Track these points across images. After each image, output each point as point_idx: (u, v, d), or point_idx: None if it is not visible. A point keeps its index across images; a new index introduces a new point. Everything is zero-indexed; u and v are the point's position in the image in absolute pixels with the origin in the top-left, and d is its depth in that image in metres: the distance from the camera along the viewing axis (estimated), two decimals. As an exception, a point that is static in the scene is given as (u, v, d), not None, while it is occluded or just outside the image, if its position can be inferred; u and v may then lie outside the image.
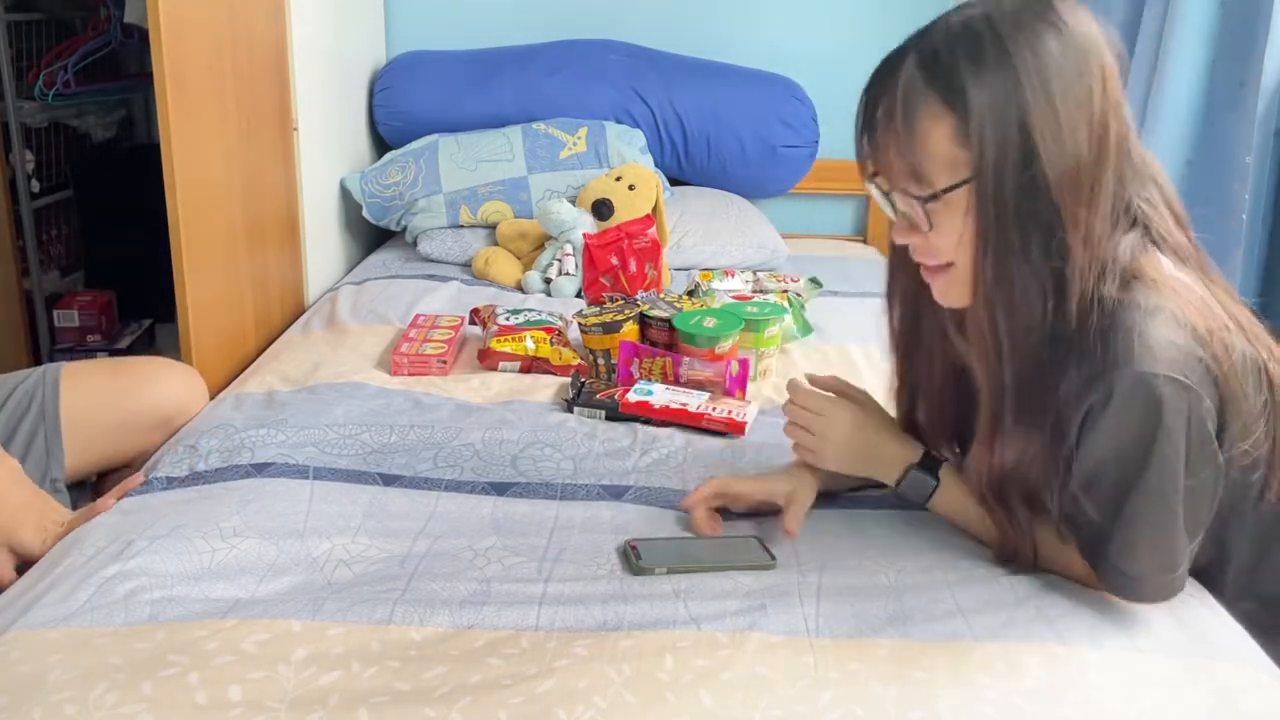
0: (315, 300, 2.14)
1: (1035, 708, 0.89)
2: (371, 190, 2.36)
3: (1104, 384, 0.93)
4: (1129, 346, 0.93)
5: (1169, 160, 2.12)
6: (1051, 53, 0.93)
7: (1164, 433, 0.93)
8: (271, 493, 1.24)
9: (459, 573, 1.09)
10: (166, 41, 1.47)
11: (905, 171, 0.98)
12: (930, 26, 0.99)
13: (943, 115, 0.95)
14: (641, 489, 1.30)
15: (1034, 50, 0.93)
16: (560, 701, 0.88)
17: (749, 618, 1.00)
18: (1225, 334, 0.97)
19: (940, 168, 0.96)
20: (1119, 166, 0.98)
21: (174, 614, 1.00)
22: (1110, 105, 0.96)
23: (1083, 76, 0.94)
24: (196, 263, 1.60)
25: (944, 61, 0.95)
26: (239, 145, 1.75)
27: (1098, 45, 0.96)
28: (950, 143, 0.95)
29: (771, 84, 2.55)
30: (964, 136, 0.94)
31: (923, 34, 0.98)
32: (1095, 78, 0.95)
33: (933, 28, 0.98)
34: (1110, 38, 0.98)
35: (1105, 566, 1.00)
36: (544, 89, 2.49)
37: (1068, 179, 0.94)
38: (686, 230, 2.35)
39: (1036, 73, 0.93)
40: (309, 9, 2.07)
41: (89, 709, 0.85)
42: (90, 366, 1.50)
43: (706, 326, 1.62)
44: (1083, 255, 0.95)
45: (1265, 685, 0.95)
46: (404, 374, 1.66)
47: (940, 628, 0.99)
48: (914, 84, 0.96)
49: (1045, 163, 0.93)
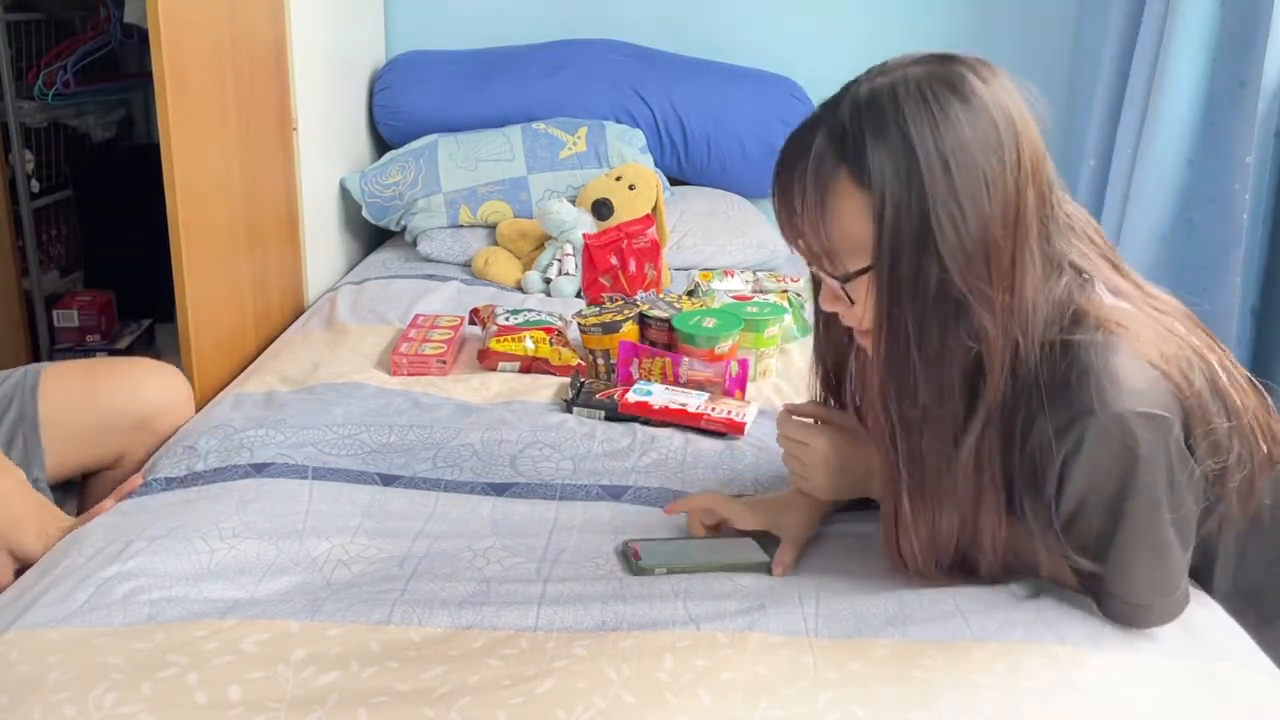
0: (315, 300, 2.14)
1: (1035, 708, 0.89)
2: (371, 190, 2.36)
3: (1075, 431, 0.92)
4: (1093, 389, 0.91)
5: (1169, 160, 2.12)
6: (955, 129, 0.90)
7: (1142, 466, 0.92)
8: (271, 493, 1.24)
9: (458, 573, 1.09)
10: (166, 41, 1.47)
11: (820, 251, 0.96)
12: (840, 97, 0.95)
13: (853, 194, 0.92)
14: (641, 489, 1.30)
15: (935, 128, 0.90)
16: (560, 702, 0.87)
17: (749, 618, 1.00)
18: (1182, 360, 0.96)
19: (852, 248, 0.94)
20: (1042, 234, 0.96)
21: (173, 614, 1.00)
22: (1026, 175, 0.92)
23: (992, 150, 0.90)
24: (196, 263, 1.60)
25: (851, 138, 0.92)
26: (239, 145, 1.75)
27: (1009, 114, 0.92)
28: (862, 222, 0.93)
29: (771, 84, 2.55)
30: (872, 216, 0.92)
31: (833, 106, 0.95)
32: (1007, 148, 0.91)
33: (842, 99, 0.95)
34: (1032, 99, 0.95)
35: (1105, 599, 0.99)
36: (544, 89, 2.49)
37: (975, 262, 0.91)
38: (686, 230, 2.35)
39: (935, 153, 0.89)
40: (309, 9, 2.07)
41: (89, 709, 0.85)
42: (69, 367, 1.48)
43: (706, 326, 1.62)
44: (999, 336, 0.93)
45: (1264, 685, 0.95)
46: (403, 374, 1.66)
47: (940, 628, 0.99)
48: (823, 162, 0.93)
49: (944, 248, 0.90)
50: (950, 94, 0.91)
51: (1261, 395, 1.05)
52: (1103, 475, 0.93)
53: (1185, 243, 2.14)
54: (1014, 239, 0.92)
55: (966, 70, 0.93)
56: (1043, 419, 0.94)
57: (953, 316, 0.93)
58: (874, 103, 0.92)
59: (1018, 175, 0.92)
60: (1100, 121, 2.32)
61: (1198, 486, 0.97)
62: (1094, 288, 0.98)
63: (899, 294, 0.93)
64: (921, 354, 0.94)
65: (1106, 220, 2.27)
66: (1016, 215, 0.92)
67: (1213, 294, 2.09)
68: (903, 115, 0.90)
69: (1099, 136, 2.33)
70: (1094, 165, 2.34)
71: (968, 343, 0.93)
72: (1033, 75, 0.96)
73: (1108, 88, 2.30)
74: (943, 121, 0.90)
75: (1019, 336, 0.94)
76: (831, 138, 0.93)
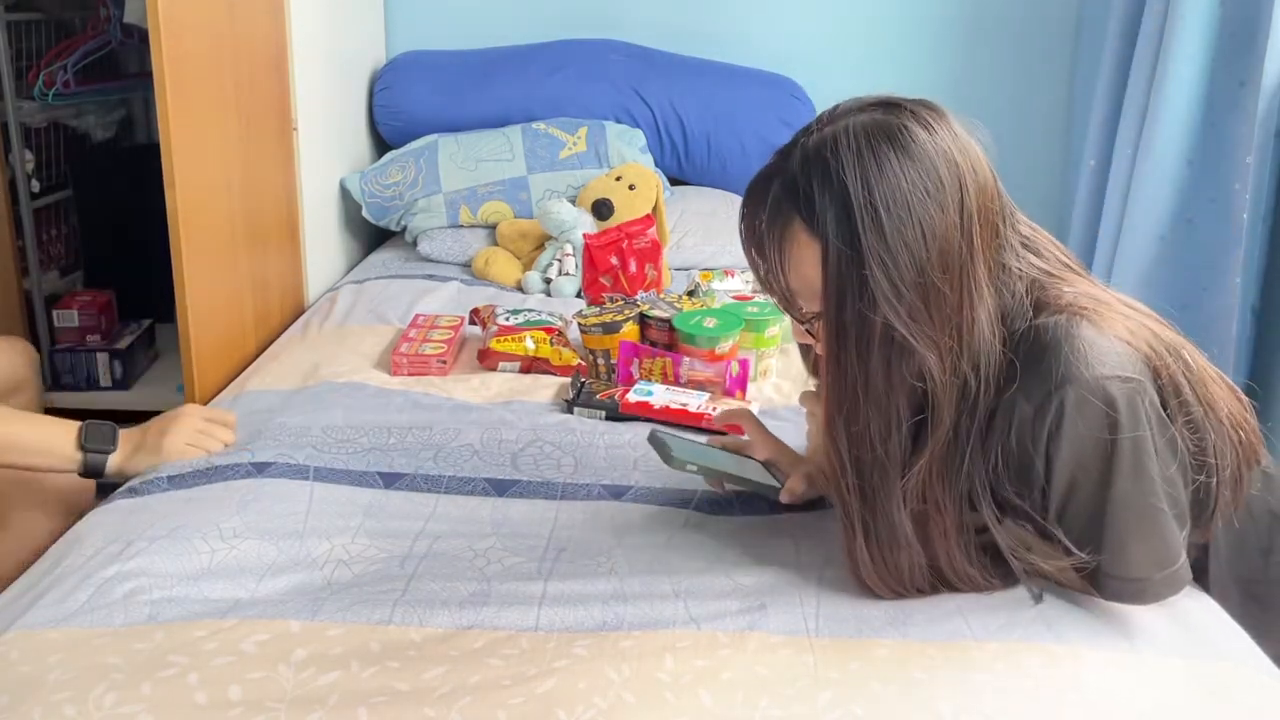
0: (315, 300, 2.14)
1: (1035, 708, 0.89)
2: (371, 190, 2.36)
3: (1053, 406, 0.94)
4: (1063, 363, 0.94)
5: (1169, 160, 2.12)
6: (889, 179, 0.92)
7: (1124, 430, 0.94)
8: (271, 493, 1.24)
9: (459, 573, 1.09)
10: (166, 41, 1.47)
11: (782, 293, 1.01)
12: (792, 146, 0.98)
13: (807, 242, 0.96)
14: (642, 489, 1.30)
15: (868, 178, 0.92)
16: (560, 702, 0.88)
17: (749, 618, 1.00)
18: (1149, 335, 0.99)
19: (810, 292, 0.98)
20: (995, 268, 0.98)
21: (173, 614, 1.00)
22: (970, 217, 0.94)
23: (929, 196, 0.92)
24: (196, 263, 1.60)
25: (800, 188, 0.95)
26: (239, 145, 1.75)
27: (951, 158, 0.94)
28: (814, 268, 0.96)
29: (771, 84, 2.55)
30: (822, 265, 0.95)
31: (786, 155, 0.99)
32: (949, 193, 0.93)
33: (794, 149, 0.98)
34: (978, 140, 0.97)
35: (1104, 582, 1.00)
36: (544, 89, 2.49)
37: (914, 307, 0.93)
38: (686, 230, 2.35)
39: (868, 202, 0.92)
40: (309, 9, 2.07)
41: (89, 709, 0.85)
42: None
43: (706, 326, 1.62)
44: (946, 374, 0.95)
45: (1264, 686, 0.94)
46: (404, 374, 1.66)
47: (940, 628, 0.99)
48: (779, 211, 0.97)
49: (878, 294, 0.92)
50: (888, 144, 0.93)
51: (1235, 391, 1.07)
52: (1087, 448, 0.95)
53: (1185, 243, 2.14)
54: (959, 282, 0.94)
55: (908, 119, 0.95)
56: (1021, 404, 0.96)
57: (896, 358, 0.95)
58: (819, 153, 0.95)
59: (960, 218, 0.94)
60: (1100, 121, 2.32)
61: (1182, 457, 0.98)
62: (1057, 287, 1.01)
63: (845, 337, 0.96)
64: (868, 395, 0.96)
65: (1106, 220, 2.27)
66: (960, 259, 0.94)
67: (1213, 294, 2.09)
68: (842, 166, 0.93)
69: (1099, 136, 2.32)
70: (1094, 165, 2.34)
71: (912, 382, 0.96)
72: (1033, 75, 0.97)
73: (1108, 87, 2.30)
74: (877, 171, 0.92)
75: (969, 373, 0.96)
76: (785, 187, 0.97)
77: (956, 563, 1.02)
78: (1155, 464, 0.96)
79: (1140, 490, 0.96)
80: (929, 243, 0.93)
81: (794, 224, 0.96)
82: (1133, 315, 1.01)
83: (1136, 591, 0.99)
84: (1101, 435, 0.94)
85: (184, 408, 1.40)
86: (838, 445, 0.99)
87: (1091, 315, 0.97)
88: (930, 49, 2.63)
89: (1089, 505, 0.97)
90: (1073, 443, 0.95)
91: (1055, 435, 0.95)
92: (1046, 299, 1.00)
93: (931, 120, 0.96)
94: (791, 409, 1.55)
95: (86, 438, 1.30)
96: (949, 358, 0.95)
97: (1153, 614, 1.02)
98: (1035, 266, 1.02)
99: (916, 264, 0.92)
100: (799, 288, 1.00)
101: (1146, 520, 0.97)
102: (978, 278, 0.95)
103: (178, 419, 1.37)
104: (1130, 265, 2.16)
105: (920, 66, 2.63)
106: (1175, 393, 0.99)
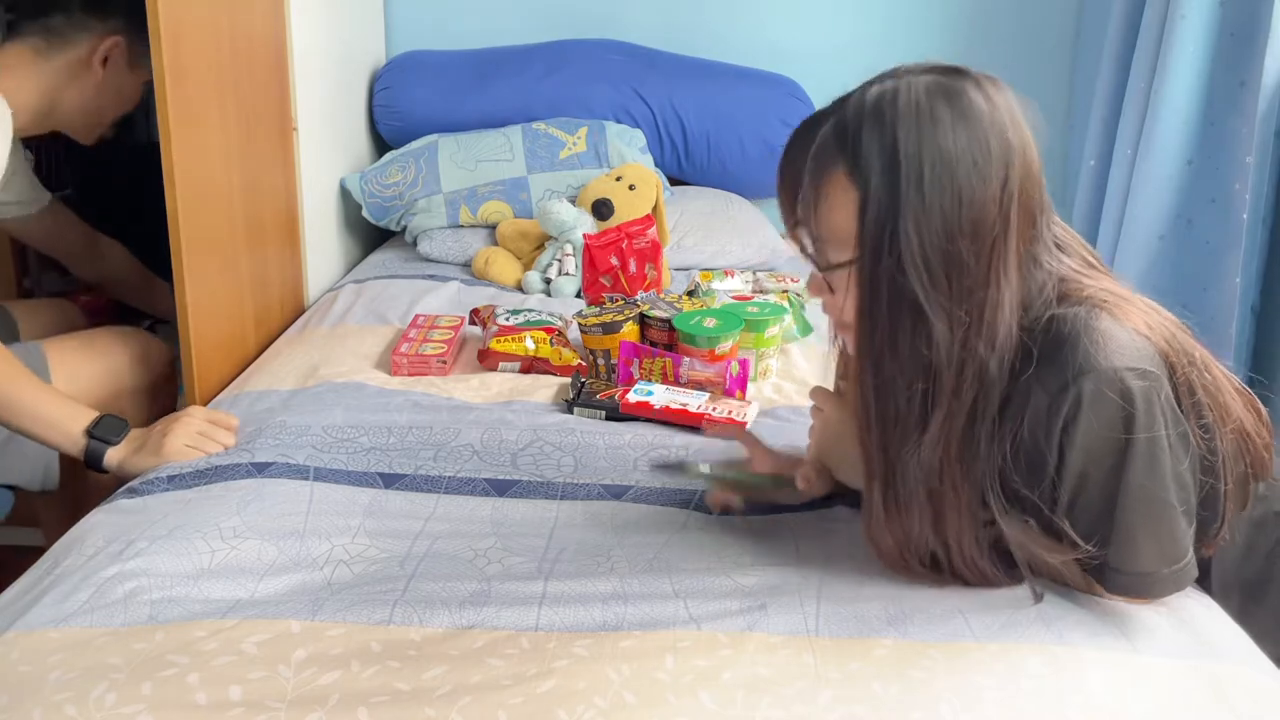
0: (315, 300, 2.14)
1: (1035, 708, 0.89)
2: (371, 190, 2.36)
3: (1070, 395, 0.94)
4: (1081, 353, 0.94)
5: (1169, 160, 2.12)
6: (941, 141, 0.92)
7: (1139, 422, 0.94)
8: (271, 493, 1.24)
9: (459, 573, 1.09)
10: (166, 41, 1.47)
11: (809, 239, 1.00)
12: (851, 94, 0.98)
13: (846, 188, 0.95)
14: (642, 489, 1.30)
15: (922, 136, 0.92)
16: (560, 702, 0.88)
17: (749, 618, 1.00)
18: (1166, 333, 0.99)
19: (838, 241, 0.98)
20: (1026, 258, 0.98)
21: (174, 614, 1.00)
22: (1011, 197, 0.94)
23: (976, 167, 0.92)
24: (196, 263, 1.59)
25: (851, 134, 0.94)
26: (239, 145, 1.75)
27: (1004, 135, 0.93)
28: (849, 217, 0.95)
29: (771, 84, 2.55)
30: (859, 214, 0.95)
31: (843, 101, 0.98)
32: (995, 167, 0.93)
33: (852, 96, 0.97)
34: (1032, 119, 0.97)
35: (1110, 576, 1.00)
36: (544, 89, 2.49)
37: (935, 273, 0.93)
38: (686, 230, 2.35)
39: (916, 160, 0.91)
40: (309, 9, 2.07)
41: (89, 709, 0.85)
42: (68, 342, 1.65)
43: (706, 327, 1.62)
44: (953, 348, 0.95)
45: (1265, 687, 0.94)
46: (404, 374, 1.66)
47: (940, 628, 0.99)
48: (824, 152, 0.96)
49: (906, 254, 0.92)
50: (946, 106, 0.93)
51: (1250, 397, 1.07)
52: (1101, 438, 0.95)
53: (1185, 243, 2.14)
54: (987, 258, 0.94)
55: (971, 86, 0.95)
56: (1037, 392, 0.96)
57: (915, 321, 0.95)
58: (877, 104, 0.94)
59: (1001, 195, 0.93)
60: (1100, 121, 2.32)
61: (1194, 455, 0.99)
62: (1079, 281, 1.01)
63: (877, 290, 0.95)
64: (894, 349, 0.96)
65: (1106, 220, 2.27)
66: (993, 236, 0.94)
67: (1213, 294, 2.09)
68: (898, 118, 0.93)
69: (1099, 136, 2.33)
70: (1094, 165, 2.34)
71: (923, 350, 0.95)
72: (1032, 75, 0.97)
73: (1107, 88, 2.30)
74: (931, 131, 0.92)
75: (985, 354, 0.96)
76: (836, 130, 0.96)
77: (966, 548, 1.02)
78: (1168, 458, 0.96)
79: (1152, 484, 0.96)
80: (964, 211, 0.92)
81: (837, 168, 0.95)
82: (1152, 313, 1.02)
83: (1142, 586, 0.99)
84: (1116, 427, 0.94)
85: (187, 409, 1.41)
86: (864, 395, 1.00)
87: (1111, 308, 0.97)
88: (931, 49, 2.61)
89: (1100, 497, 0.97)
90: (1087, 434, 0.95)
91: (1070, 425, 0.95)
92: (1068, 291, 1.00)
93: (993, 93, 0.95)
94: (791, 409, 1.55)
95: (95, 427, 1.34)
96: (959, 330, 0.94)
97: (1154, 614, 1.02)
98: (1065, 264, 1.02)
99: (947, 229, 0.92)
100: (827, 234, 0.98)
101: (1156, 514, 0.97)
102: (1007, 259, 0.95)
103: (179, 420, 1.37)
104: (1130, 265, 2.16)
105: (920, 66, 2.62)
106: (1189, 392, 0.99)
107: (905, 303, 0.94)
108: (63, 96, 1.66)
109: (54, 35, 1.63)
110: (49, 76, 1.63)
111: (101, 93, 1.69)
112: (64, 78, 1.65)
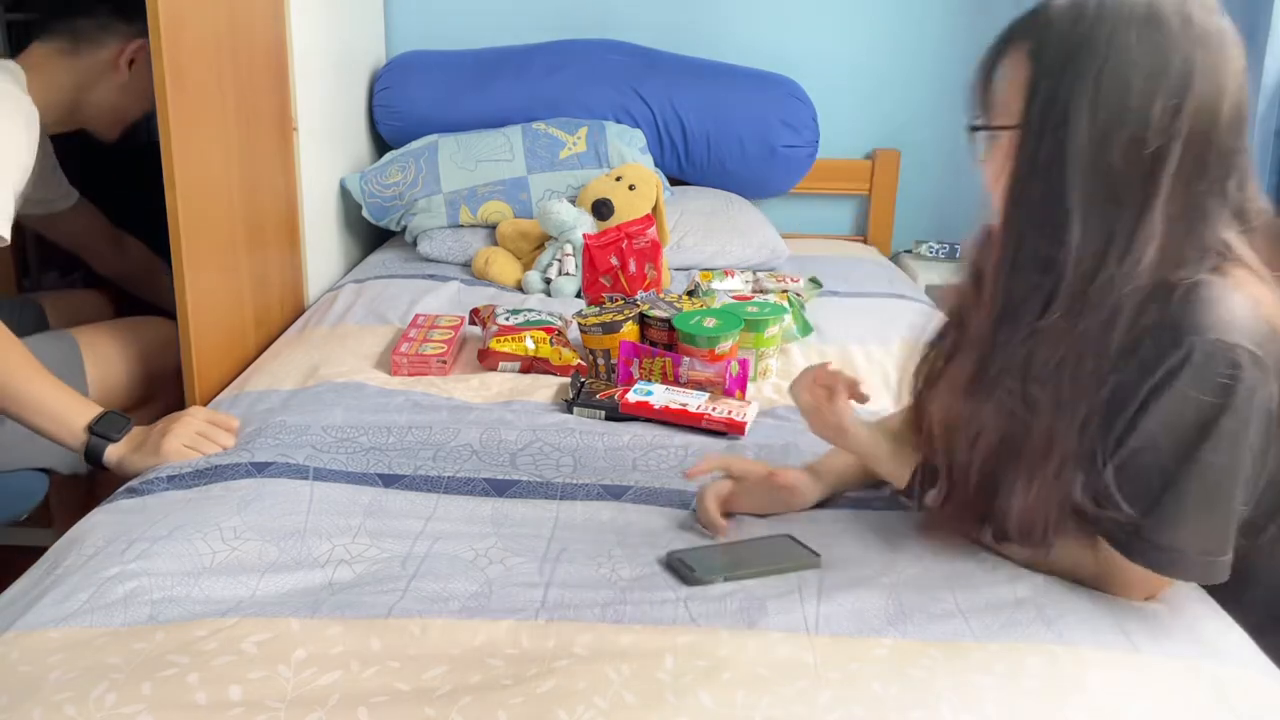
0: (315, 300, 2.14)
1: (1035, 708, 0.89)
2: (371, 190, 2.36)
3: (1179, 352, 0.91)
4: (1202, 315, 0.91)
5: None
6: (1127, 49, 0.91)
7: (1234, 405, 0.91)
8: (272, 493, 1.24)
9: (459, 573, 1.09)
10: (166, 41, 1.47)
11: (979, 97, 1.02)
12: None
13: (1023, 63, 0.96)
14: (642, 489, 1.30)
15: (1110, 38, 0.91)
16: (560, 701, 0.88)
17: (749, 617, 1.00)
18: None
19: (1001, 107, 0.99)
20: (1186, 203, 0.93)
21: (174, 614, 1.00)
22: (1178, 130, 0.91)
23: (1151, 84, 0.90)
24: (196, 262, 1.59)
25: (1046, 19, 0.96)
26: (239, 145, 1.75)
27: (1190, 63, 0.91)
28: (1019, 90, 0.96)
29: (771, 84, 2.55)
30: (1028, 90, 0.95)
31: None
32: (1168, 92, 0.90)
33: None
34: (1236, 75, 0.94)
35: (1137, 545, 0.97)
36: (544, 89, 2.49)
37: (1086, 173, 0.92)
38: (686, 230, 2.35)
39: (1097, 60, 0.91)
40: (309, 9, 2.07)
41: (89, 709, 0.85)
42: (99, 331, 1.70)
43: (706, 326, 1.62)
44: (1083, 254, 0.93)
45: (1266, 688, 0.94)
46: (404, 374, 1.66)
47: (940, 628, 0.99)
48: (1018, 26, 0.98)
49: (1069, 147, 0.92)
50: (1145, 17, 0.92)
51: None
52: (1191, 403, 0.92)
53: (1185, 243, 2.14)
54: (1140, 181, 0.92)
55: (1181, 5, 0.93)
56: (1146, 344, 0.93)
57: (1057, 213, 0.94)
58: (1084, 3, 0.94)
59: (1169, 123, 0.91)
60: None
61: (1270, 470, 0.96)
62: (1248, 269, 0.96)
63: (1031, 171, 0.96)
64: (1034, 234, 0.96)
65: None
66: (1147, 163, 0.91)
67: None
68: (1097, 18, 0.93)
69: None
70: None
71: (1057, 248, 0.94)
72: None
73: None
74: (1119, 36, 0.91)
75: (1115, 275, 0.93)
76: (1037, 12, 0.97)
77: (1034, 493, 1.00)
78: (1247, 451, 0.93)
79: (1222, 468, 0.93)
80: (1128, 117, 0.91)
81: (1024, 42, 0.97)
82: None
83: (1169, 561, 0.97)
84: (1212, 399, 0.91)
85: (188, 410, 1.41)
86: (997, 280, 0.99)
87: (1249, 287, 0.94)
88: (930, 48, 2.63)
89: (1164, 464, 0.94)
90: (1177, 396, 0.92)
91: (1165, 381, 0.92)
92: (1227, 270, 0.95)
93: (1198, 19, 0.93)
94: (791, 409, 1.55)
95: (98, 422, 1.35)
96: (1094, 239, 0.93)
97: (1155, 615, 1.02)
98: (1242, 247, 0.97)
99: (1108, 131, 0.91)
100: (994, 98, 1.00)
101: (1213, 500, 0.94)
102: (1159, 191, 0.92)
103: (180, 420, 1.37)
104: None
105: (921, 66, 2.62)
106: None
107: (1053, 192, 0.94)
108: (88, 96, 1.71)
109: (81, 37, 1.68)
110: (75, 76, 1.68)
111: (126, 93, 1.73)
112: (90, 78, 1.69)
